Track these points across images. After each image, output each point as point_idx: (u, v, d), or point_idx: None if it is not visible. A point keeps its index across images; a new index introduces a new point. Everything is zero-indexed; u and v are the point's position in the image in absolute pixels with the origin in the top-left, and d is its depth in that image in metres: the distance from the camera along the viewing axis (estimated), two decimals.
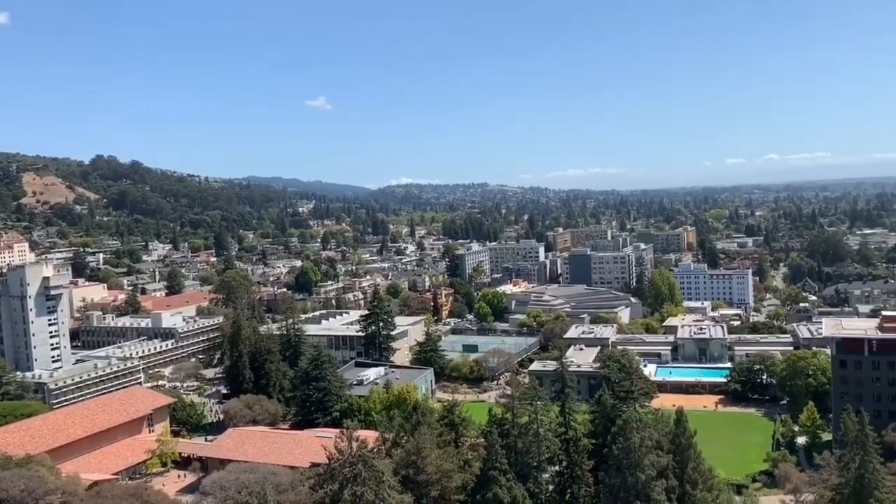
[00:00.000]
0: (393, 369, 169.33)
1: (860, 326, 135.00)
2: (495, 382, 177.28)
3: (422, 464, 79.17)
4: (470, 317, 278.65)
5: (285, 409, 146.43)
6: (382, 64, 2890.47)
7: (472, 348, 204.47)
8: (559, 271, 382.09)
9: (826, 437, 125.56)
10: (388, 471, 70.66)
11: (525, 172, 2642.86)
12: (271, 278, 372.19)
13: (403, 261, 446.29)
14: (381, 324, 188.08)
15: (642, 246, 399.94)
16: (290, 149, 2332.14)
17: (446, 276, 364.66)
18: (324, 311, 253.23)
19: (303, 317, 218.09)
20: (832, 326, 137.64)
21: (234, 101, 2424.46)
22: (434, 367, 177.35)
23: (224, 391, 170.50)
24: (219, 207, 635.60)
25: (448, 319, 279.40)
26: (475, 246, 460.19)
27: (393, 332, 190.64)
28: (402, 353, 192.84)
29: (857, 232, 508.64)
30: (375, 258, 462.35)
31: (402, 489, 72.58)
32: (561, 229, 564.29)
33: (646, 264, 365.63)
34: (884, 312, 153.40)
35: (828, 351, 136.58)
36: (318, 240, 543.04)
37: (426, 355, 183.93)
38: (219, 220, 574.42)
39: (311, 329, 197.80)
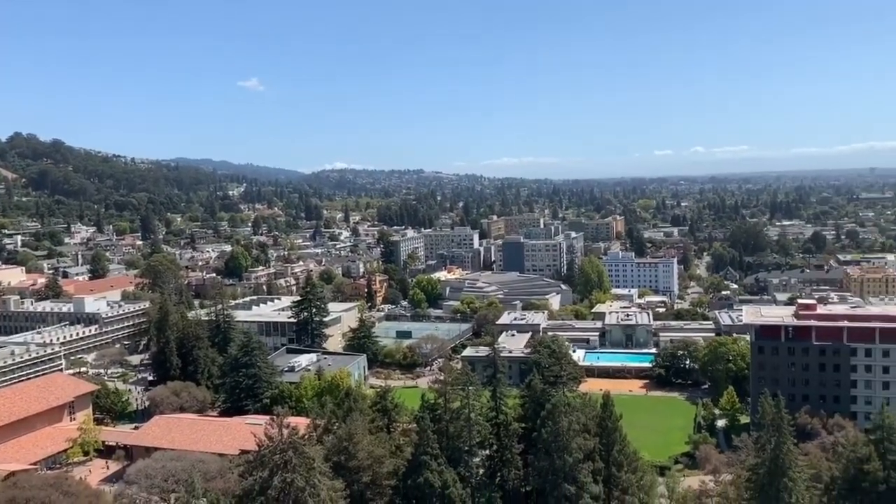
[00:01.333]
0: (325, 356, 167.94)
1: (778, 314, 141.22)
2: (428, 368, 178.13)
3: (353, 450, 78.97)
4: (404, 303, 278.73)
5: (214, 395, 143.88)
6: (318, 47, 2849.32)
7: (405, 334, 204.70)
8: (493, 258, 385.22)
9: (744, 419, 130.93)
10: (320, 457, 70.18)
11: (460, 160, 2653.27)
12: (200, 263, 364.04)
13: (337, 247, 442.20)
14: (313, 310, 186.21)
15: (573, 234, 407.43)
16: (220, 130, 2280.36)
17: (381, 263, 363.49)
18: (254, 297, 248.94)
19: (232, 302, 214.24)
20: (752, 314, 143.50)
21: (162, 79, 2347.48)
22: (367, 354, 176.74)
23: (150, 378, 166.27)
24: (146, 189, 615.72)
25: (382, 306, 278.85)
26: (410, 232, 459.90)
27: (325, 319, 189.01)
28: (335, 340, 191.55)
29: (777, 223, 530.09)
30: (308, 244, 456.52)
31: (333, 475, 72.21)
32: (495, 217, 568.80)
33: (576, 252, 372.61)
34: (800, 300, 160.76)
35: (747, 337, 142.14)
36: (249, 224, 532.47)
37: (359, 342, 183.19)
38: (146, 203, 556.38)
39: (241, 315, 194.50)
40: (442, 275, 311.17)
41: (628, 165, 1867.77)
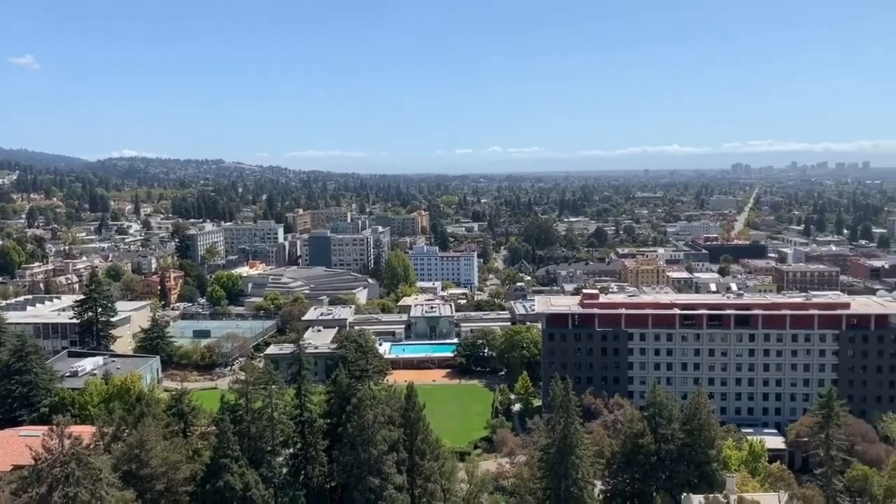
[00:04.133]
0: (113, 359, 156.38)
1: (566, 303, 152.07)
2: (229, 368, 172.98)
3: (146, 457, 74.20)
4: (202, 301, 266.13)
5: None
6: (102, 22, 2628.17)
7: (203, 334, 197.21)
8: (299, 253, 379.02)
9: (537, 402, 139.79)
10: (107, 468, 65.21)
11: (264, 150, 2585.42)
12: None
13: (126, 241, 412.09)
14: (98, 309, 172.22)
15: (380, 229, 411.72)
16: None
17: (175, 258, 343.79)
18: (30, 297, 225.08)
19: (3, 303, 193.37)
20: (543, 303, 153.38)
21: None
22: (161, 355, 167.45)
23: None
24: None
25: (177, 304, 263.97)
26: (209, 226, 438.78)
27: (113, 319, 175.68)
28: (125, 341, 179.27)
29: (565, 219, 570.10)
30: (93, 237, 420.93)
31: (123, 486, 67.54)
32: (301, 210, 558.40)
33: (383, 246, 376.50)
34: (584, 290, 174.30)
35: (539, 325, 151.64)
36: (23, 216, 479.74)
37: (152, 342, 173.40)
38: None
39: (13, 316, 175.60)
40: (244, 270, 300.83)
41: (432, 162, 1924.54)
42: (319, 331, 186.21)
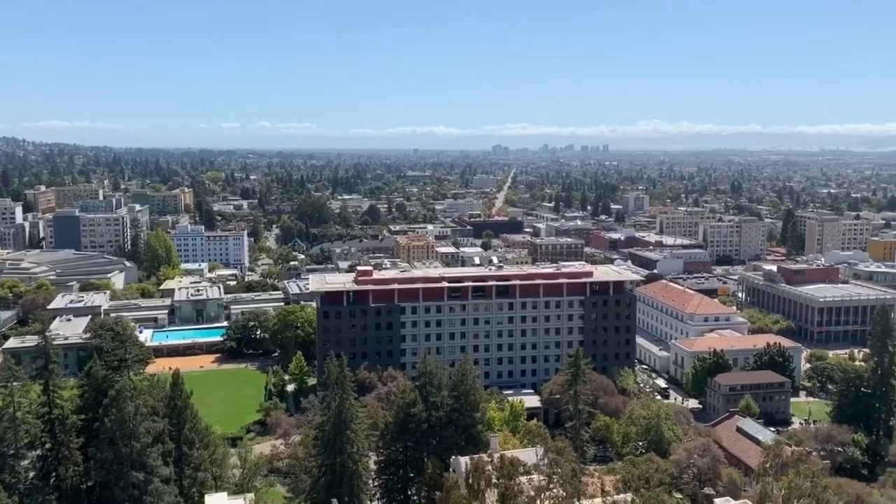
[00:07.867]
0: None
1: (341, 281, 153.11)
2: None
3: None
4: None
5: None
6: None
7: None
8: (42, 235, 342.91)
9: (313, 381, 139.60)
10: None
11: None
12: None
13: None
14: None
15: (138, 207, 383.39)
16: None
17: None
18: None
19: None
20: (317, 282, 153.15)
21: None
22: None
23: None
24: None
25: None
26: None
27: None
28: None
29: (339, 197, 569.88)
30: None
31: None
32: (43, 187, 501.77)
33: (142, 226, 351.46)
34: (359, 268, 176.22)
35: (314, 304, 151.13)
36: None
37: None
38: None
39: None
40: None
41: (195, 136, 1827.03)
42: (69, 320, 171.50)
